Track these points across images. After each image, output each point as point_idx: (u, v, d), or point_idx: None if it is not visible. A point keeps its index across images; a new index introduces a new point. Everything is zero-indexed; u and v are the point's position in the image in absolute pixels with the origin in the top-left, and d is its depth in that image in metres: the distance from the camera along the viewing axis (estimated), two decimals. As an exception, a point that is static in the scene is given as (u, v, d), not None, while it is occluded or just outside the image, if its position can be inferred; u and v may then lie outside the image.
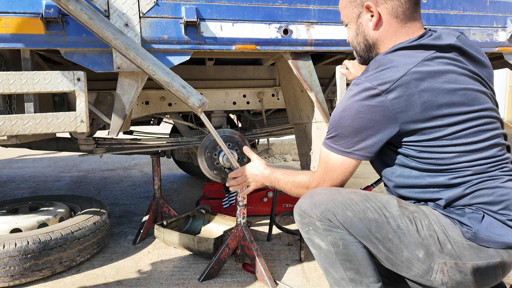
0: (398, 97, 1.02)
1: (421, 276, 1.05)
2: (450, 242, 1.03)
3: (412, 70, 1.04)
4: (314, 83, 1.93)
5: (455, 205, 1.08)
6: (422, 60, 1.06)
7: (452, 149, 1.05)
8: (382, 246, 1.06)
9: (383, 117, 1.04)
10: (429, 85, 1.03)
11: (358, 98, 1.07)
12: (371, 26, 1.18)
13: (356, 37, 1.24)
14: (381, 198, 1.11)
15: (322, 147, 1.19)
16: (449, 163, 1.05)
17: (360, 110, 1.06)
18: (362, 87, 1.07)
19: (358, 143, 1.09)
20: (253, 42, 1.78)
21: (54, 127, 1.58)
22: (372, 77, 1.07)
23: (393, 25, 1.16)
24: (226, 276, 1.92)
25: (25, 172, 5.15)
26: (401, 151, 1.11)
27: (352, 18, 1.23)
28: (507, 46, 2.17)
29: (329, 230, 1.08)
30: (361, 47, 1.24)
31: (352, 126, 1.08)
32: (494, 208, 1.03)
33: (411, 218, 1.05)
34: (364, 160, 1.13)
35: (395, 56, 1.09)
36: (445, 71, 1.06)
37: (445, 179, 1.06)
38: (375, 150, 1.10)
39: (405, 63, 1.06)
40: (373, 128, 1.06)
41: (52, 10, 1.50)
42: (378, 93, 1.04)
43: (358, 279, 1.09)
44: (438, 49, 1.09)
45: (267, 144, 3.54)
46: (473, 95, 1.07)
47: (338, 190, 1.13)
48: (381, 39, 1.18)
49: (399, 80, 1.03)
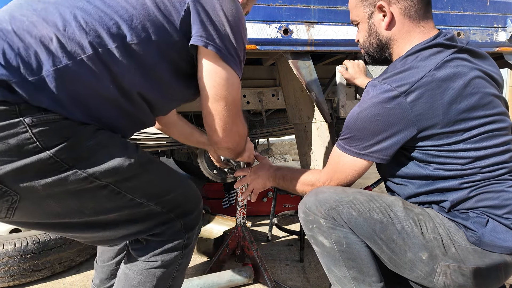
0: (418, 99, 1.01)
1: (423, 278, 1.05)
2: (455, 246, 1.02)
3: (432, 72, 1.02)
4: (314, 83, 1.92)
5: (459, 208, 1.07)
6: (441, 62, 1.04)
7: (467, 154, 1.04)
8: (385, 247, 1.05)
9: (401, 120, 1.03)
10: (449, 87, 1.02)
11: (375, 100, 1.05)
12: (384, 26, 1.17)
13: (368, 37, 1.23)
14: (386, 199, 1.10)
15: (334, 147, 1.18)
16: (462, 168, 1.04)
17: (378, 112, 1.04)
18: (380, 88, 1.05)
19: (373, 146, 1.08)
20: (253, 42, 1.78)
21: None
22: (390, 79, 1.05)
23: (406, 25, 1.15)
24: (226, 276, 1.91)
25: (25, 172, 5.14)
26: (415, 155, 1.09)
27: (363, 18, 1.21)
28: (507, 46, 2.17)
29: (333, 229, 1.07)
30: (373, 47, 1.23)
31: (368, 129, 1.07)
32: (499, 212, 1.02)
33: (416, 220, 1.05)
34: (379, 162, 1.11)
35: (414, 58, 1.08)
36: (464, 73, 1.05)
37: (455, 183, 1.05)
38: (391, 153, 1.08)
39: (425, 64, 1.04)
40: (390, 130, 1.05)
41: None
42: (396, 94, 1.02)
43: (361, 278, 1.09)
44: (456, 50, 1.08)
45: (267, 144, 3.53)
46: (490, 99, 1.06)
47: (344, 189, 1.13)
48: (394, 39, 1.17)
49: (418, 81, 1.01)
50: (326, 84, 2.43)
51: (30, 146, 0.79)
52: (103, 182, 0.89)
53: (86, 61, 0.86)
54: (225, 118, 1.02)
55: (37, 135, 0.80)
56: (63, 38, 0.85)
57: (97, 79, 0.88)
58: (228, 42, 0.97)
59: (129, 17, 0.90)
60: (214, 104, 0.99)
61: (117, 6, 0.90)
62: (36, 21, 0.86)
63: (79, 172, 0.85)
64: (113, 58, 0.88)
